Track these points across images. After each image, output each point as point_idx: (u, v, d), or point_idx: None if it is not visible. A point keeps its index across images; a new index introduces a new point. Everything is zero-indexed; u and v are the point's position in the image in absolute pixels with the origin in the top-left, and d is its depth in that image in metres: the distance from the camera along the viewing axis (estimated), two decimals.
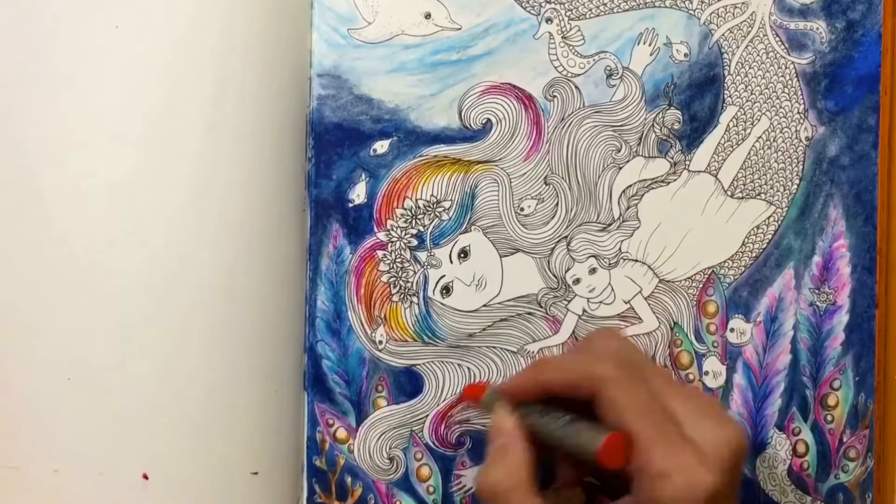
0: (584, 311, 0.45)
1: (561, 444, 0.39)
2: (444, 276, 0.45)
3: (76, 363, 0.41)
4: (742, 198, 0.45)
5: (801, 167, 0.45)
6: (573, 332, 0.45)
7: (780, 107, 0.45)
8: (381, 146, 0.44)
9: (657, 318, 0.45)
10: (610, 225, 0.45)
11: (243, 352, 0.42)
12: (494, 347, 0.45)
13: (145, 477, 0.41)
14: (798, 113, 0.45)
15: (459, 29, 0.44)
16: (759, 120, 0.45)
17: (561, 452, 0.41)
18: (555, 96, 0.45)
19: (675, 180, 0.45)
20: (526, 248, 0.45)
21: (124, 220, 0.41)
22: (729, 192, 0.45)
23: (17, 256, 0.41)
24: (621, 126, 0.45)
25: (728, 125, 0.45)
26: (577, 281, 0.45)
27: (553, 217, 0.45)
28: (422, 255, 0.45)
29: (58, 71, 0.41)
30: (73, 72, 0.41)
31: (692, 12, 0.45)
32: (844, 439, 0.45)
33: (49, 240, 0.41)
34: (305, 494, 0.45)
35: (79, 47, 0.41)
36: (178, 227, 0.41)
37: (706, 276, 0.45)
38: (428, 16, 0.44)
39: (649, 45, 0.45)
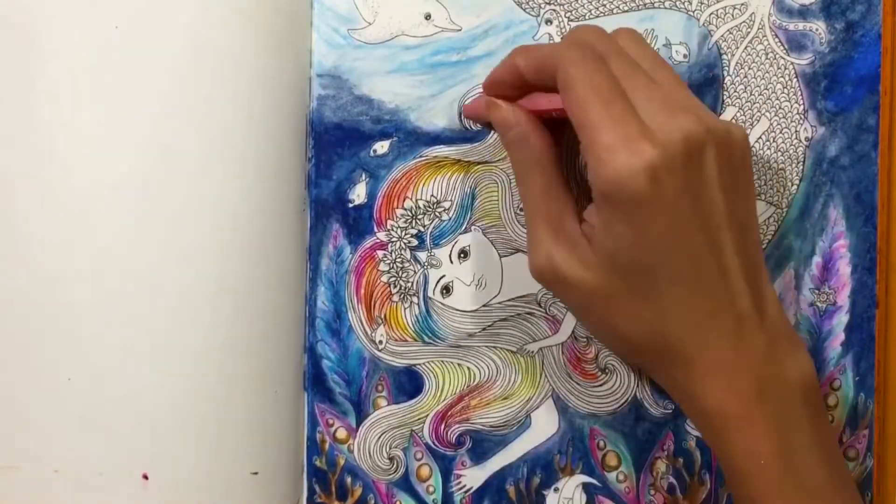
0: None
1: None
2: (444, 276, 0.45)
3: (76, 363, 0.41)
4: None
5: (801, 167, 0.45)
6: (573, 331, 0.45)
7: (780, 107, 0.45)
8: (382, 146, 0.44)
9: None
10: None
11: (243, 352, 0.42)
12: (494, 347, 0.45)
13: (145, 477, 0.41)
14: (798, 113, 0.45)
15: (459, 30, 0.45)
16: (758, 120, 0.45)
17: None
18: None
19: None
20: (526, 248, 0.45)
21: (124, 220, 0.41)
22: None
23: (18, 256, 0.41)
24: None
25: None
26: None
27: None
28: (422, 256, 0.45)
29: (57, 71, 0.41)
30: (73, 72, 0.41)
31: (691, 13, 0.45)
32: (844, 439, 0.45)
33: (49, 240, 0.41)
34: (305, 494, 0.45)
35: (78, 48, 0.41)
36: (178, 227, 0.41)
37: None
38: (428, 17, 0.44)
39: None
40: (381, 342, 0.45)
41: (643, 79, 0.36)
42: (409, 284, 0.45)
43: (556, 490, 0.45)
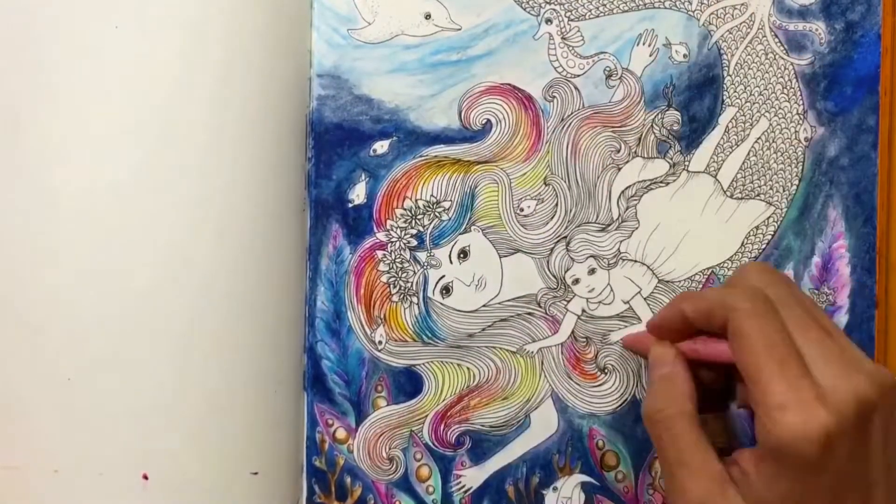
0: (584, 311, 0.45)
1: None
2: (443, 276, 0.45)
3: (76, 363, 0.41)
4: (741, 198, 0.45)
5: (800, 168, 0.45)
6: (572, 331, 0.45)
7: (780, 108, 0.45)
8: (381, 146, 0.44)
9: None
10: (609, 225, 0.45)
11: (243, 352, 0.42)
12: (494, 347, 0.45)
13: (145, 477, 0.41)
14: (797, 114, 0.45)
15: (459, 29, 0.44)
16: (758, 121, 0.45)
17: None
18: (554, 97, 0.45)
19: (675, 181, 0.45)
20: (525, 249, 0.45)
21: (125, 220, 0.41)
22: (728, 193, 0.45)
23: (18, 256, 0.41)
24: (620, 127, 0.45)
25: (727, 126, 0.45)
26: (576, 281, 0.45)
27: (552, 217, 0.45)
28: (421, 256, 0.45)
29: (58, 72, 0.41)
30: (73, 72, 0.41)
31: (691, 13, 0.45)
32: None
33: (49, 240, 0.41)
34: (305, 494, 0.45)
35: (79, 48, 0.41)
36: (178, 227, 0.41)
37: (706, 276, 0.45)
38: (428, 16, 0.44)
39: (649, 45, 0.45)
40: (380, 342, 0.45)
41: (816, 333, 0.36)
42: (409, 284, 0.45)
43: (554, 489, 0.45)
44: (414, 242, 0.45)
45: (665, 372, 0.39)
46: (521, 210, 0.45)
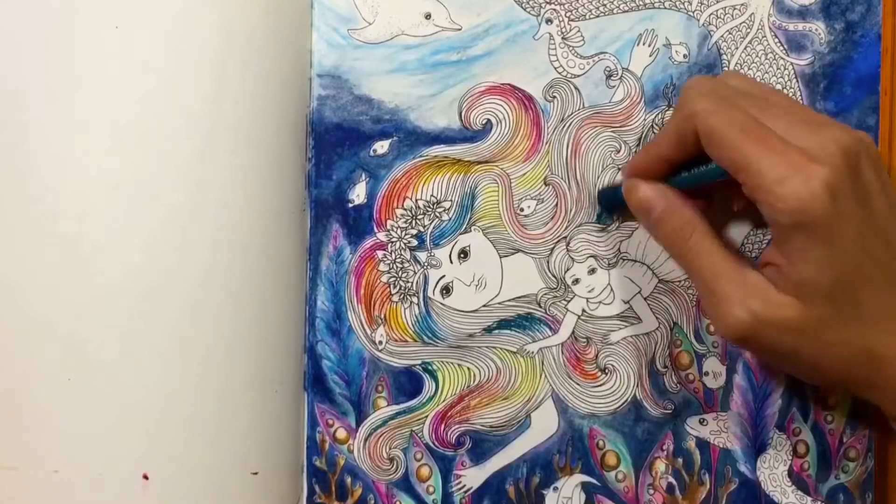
0: (584, 311, 0.45)
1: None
2: (444, 276, 0.45)
3: (76, 363, 0.41)
4: None
5: None
6: (573, 332, 0.45)
7: None
8: (382, 146, 0.44)
9: (657, 318, 0.45)
10: (609, 225, 0.45)
11: (243, 352, 0.42)
12: (494, 347, 0.45)
13: (145, 477, 0.41)
14: None
15: (460, 29, 0.44)
16: None
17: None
18: (554, 97, 0.45)
19: None
20: (526, 249, 0.45)
21: (124, 220, 0.41)
22: None
23: (18, 256, 0.41)
24: (621, 127, 0.45)
25: None
26: (576, 281, 0.45)
27: (553, 217, 0.45)
28: (422, 256, 0.45)
29: (57, 71, 0.41)
30: (73, 72, 0.41)
31: (691, 13, 0.45)
32: (844, 439, 0.45)
33: (49, 240, 0.41)
34: (305, 494, 0.45)
35: (79, 47, 0.41)
36: (178, 227, 0.41)
37: None
38: (428, 16, 0.44)
39: (649, 46, 0.45)
40: (381, 342, 0.45)
41: (775, 109, 0.36)
42: (409, 284, 0.45)
43: (555, 489, 0.45)
44: (414, 242, 0.45)
45: (663, 208, 0.39)
46: (522, 210, 0.45)
